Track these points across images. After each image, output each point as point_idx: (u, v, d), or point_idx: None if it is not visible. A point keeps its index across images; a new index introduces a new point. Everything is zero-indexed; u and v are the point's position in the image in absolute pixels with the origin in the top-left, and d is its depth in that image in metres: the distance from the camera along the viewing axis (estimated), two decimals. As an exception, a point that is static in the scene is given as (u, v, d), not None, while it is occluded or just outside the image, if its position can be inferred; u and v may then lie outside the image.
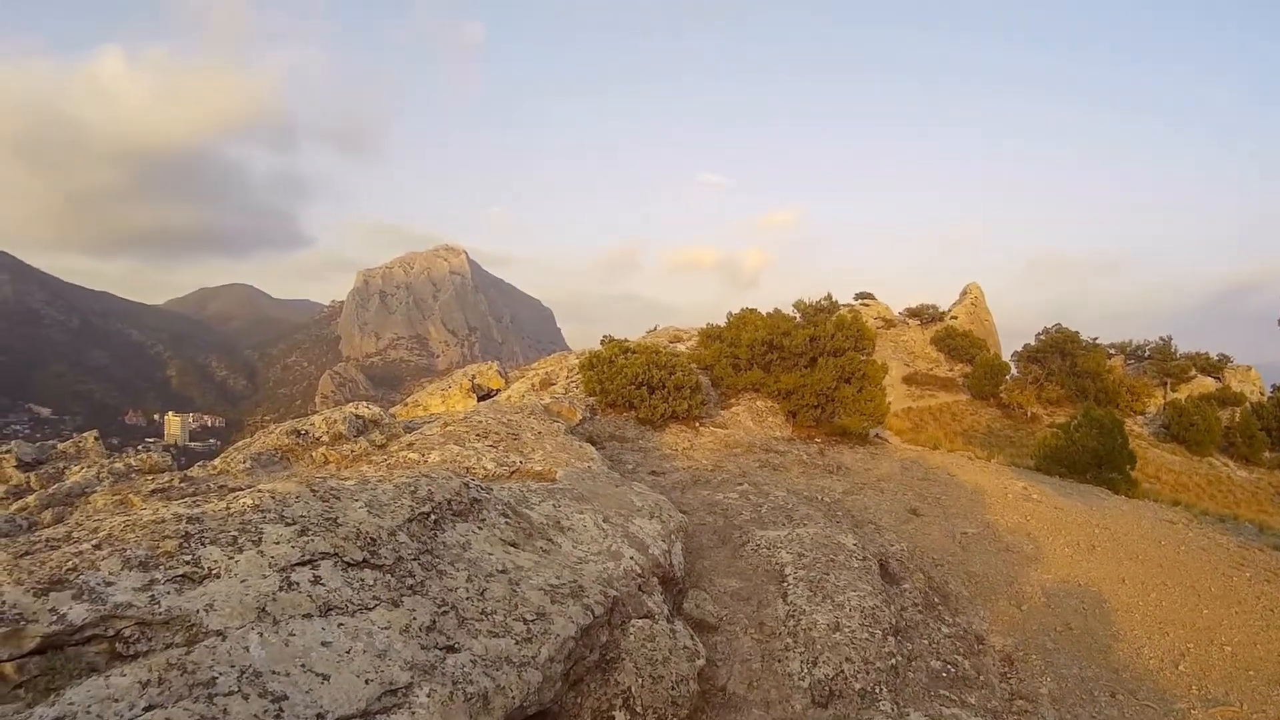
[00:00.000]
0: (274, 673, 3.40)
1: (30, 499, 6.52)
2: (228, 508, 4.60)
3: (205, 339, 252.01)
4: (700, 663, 5.47)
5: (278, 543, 4.30)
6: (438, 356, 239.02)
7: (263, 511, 4.57)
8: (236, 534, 4.32)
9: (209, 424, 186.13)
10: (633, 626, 5.26)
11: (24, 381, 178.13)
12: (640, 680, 4.87)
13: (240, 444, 9.27)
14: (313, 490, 4.92)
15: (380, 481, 5.46)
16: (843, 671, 5.97)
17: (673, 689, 4.99)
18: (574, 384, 14.95)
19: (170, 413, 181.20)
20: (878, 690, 5.92)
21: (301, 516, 4.59)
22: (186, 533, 4.28)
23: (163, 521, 4.40)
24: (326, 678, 3.48)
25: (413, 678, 3.67)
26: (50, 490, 6.68)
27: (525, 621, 4.51)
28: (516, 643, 4.30)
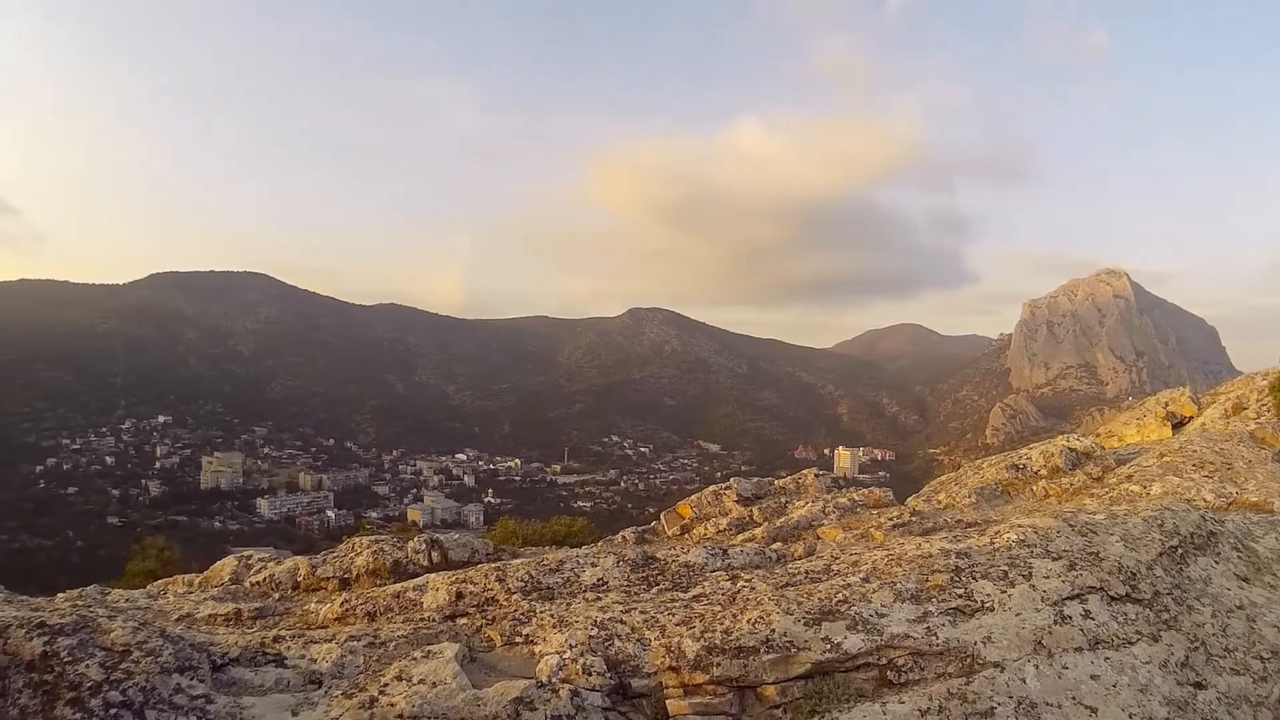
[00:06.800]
0: (1047, 704, 3.57)
1: (757, 531, 7.51)
2: (992, 542, 4.97)
3: (874, 377, 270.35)
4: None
5: (1047, 577, 4.51)
6: (1106, 384, 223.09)
7: (1028, 546, 4.84)
8: (1006, 568, 4.62)
9: (878, 457, 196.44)
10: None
11: (693, 421, 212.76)
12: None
13: (946, 477, 9.74)
14: (1069, 524, 5.11)
15: (1128, 515, 5.51)
16: None
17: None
18: (1265, 407, 13.74)
19: (840, 447, 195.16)
20: None
21: (1065, 551, 4.77)
22: (956, 567, 4.72)
23: (929, 556, 4.94)
24: (1094, 711, 3.55)
25: (1169, 714, 3.68)
26: (777, 524, 7.56)
27: (1261, 659, 4.46)
28: (1253, 681, 4.25)
